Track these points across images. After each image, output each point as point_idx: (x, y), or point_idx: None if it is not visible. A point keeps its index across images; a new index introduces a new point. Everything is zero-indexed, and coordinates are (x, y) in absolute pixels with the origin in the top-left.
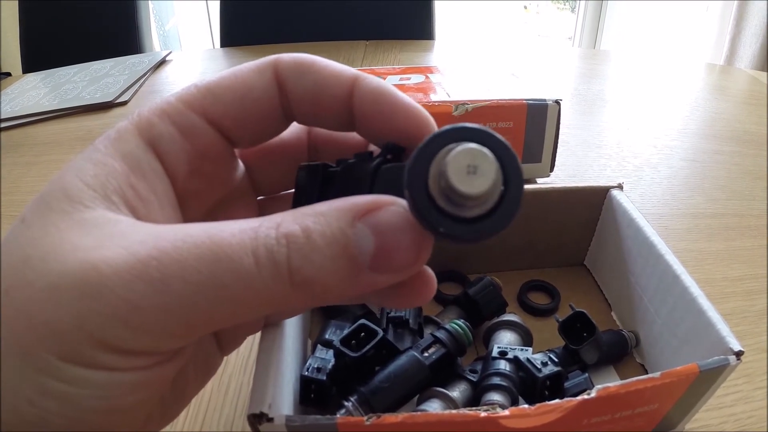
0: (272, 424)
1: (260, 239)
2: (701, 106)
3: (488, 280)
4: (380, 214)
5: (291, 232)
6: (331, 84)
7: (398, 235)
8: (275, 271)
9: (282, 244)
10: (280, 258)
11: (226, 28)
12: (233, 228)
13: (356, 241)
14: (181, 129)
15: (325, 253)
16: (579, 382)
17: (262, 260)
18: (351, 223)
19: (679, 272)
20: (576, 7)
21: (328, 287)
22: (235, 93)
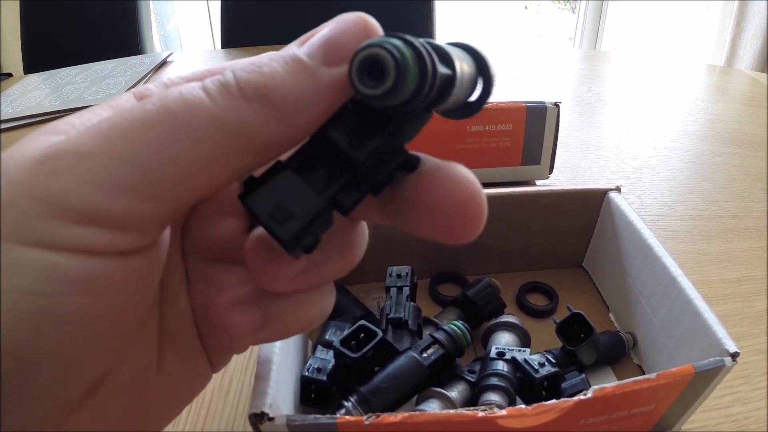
0: (273, 423)
1: (206, 81)
2: (701, 107)
3: (487, 282)
4: (322, 28)
5: (235, 65)
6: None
7: (341, 23)
8: (224, 90)
9: (228, 70)
10: (227, 78)
11: (227, 28)
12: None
13: (301, 47)
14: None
15: (273, 63)
16: (576, 383)
17: (210, 86)
18: (296, 44)
19: (676, 274)
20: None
21: (286, 93)
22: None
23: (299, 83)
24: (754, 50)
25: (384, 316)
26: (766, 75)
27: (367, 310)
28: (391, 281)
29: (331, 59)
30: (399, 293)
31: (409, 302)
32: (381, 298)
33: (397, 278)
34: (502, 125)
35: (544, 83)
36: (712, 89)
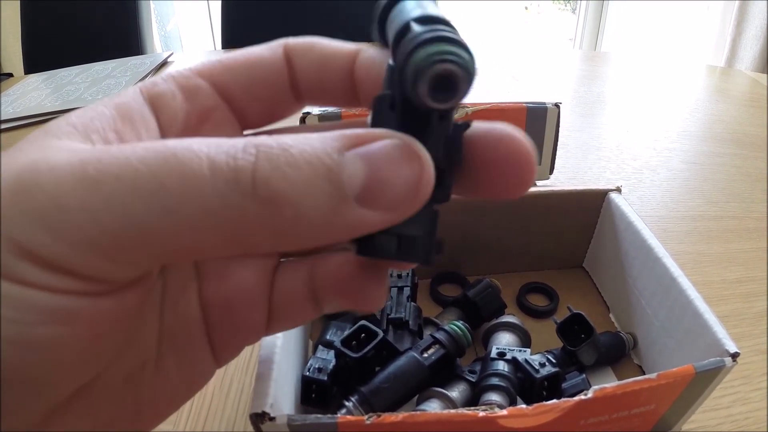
0: (274, 423)
1: (222, 147)
2: (701, 108)
3: (487, 282)
4: (375, 145)
5: (263, 143)
6: (334, 56)
7: (394, 165)
8: (233, 178)
9: (250, 153)
10: (243, 164)
11: (228, 29)
12: (196, 139)
13: (343, 164)
14: (184, 90)
15: (303, 169)
16: (576, 383)
17: (220, 165)
18: (339, 149)
19: (677, 275)
20: (577, 8)
21: (301, 211)
22: (244, 64)
23: (321, 208)
24: (755, 51)
25: (385, 317)
26: (767, 76)
27: None
28: (391, 281)
29: (369, 201)
30: (400, 293)
31: (410, 302)
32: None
33: (397, 278)
34: None
35: (544, 84)
36: (712, 90)
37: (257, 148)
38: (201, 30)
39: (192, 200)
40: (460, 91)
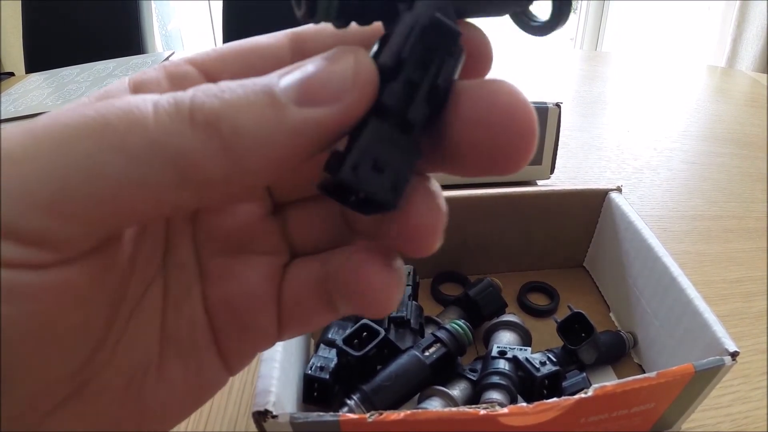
0: (277, 421)
1: (168, 93)
2: (702, 108)
3: (488, 281)
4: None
5: (204, 84)
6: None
7: (326, 63)
8: (174, 111)
9: (192, 90)
10: (181, 97)
11: (228, 29)
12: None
13: (277, 81)
14: (171, 76)
15: (236, 91)
16: (577, 382)
17: (161, 102)
18: (277, 76)
19: (677, 274)
20: (578, 8)
21: (238, 126)
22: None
23: (259, 119)
24: (755, 51)
25: (386, 316)
26: (767, 76)
27: None
28: None
29: (307, 99)
30: None
31: (411, 301)
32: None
33: None
34: None
35: (545, 83)
36: (712, 90)
37: (201, 87)
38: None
39: (137, 135)
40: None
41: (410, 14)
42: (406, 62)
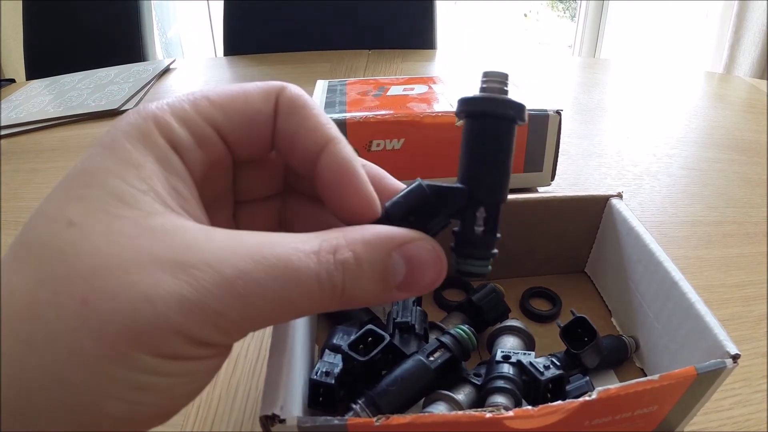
0: (284, 425)
1: (322, 264)
2: (700, 114)
3: (491, 287)
4: (412, 247)
5: (346, 260)
6: (307, 135)
7: (425, 267)
8: (332, 292)
9: (339, 270)
10: (337, 281)
11: (230, 36)
12: (298, 251)
13: (392, 268)
14: (197, 138)
15: (369, 278)
16: (580, 385)
17: (324, 283)
18: (389, 252)
19: (678, 279)
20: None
21: (363, 301)
22: (243, 115)
23: (375, 297)
24: (753, 57)
25: (391, 321)
26: (766, 82)
27: (373, 315)
28: None
29: (404, 288)
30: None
31: (416, 307)
32: (387, 304)
33: None
34: None
35: (544, 91)
36: (711, 96)
37: (343, 266)
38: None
39: (308, 306)
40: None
41: None
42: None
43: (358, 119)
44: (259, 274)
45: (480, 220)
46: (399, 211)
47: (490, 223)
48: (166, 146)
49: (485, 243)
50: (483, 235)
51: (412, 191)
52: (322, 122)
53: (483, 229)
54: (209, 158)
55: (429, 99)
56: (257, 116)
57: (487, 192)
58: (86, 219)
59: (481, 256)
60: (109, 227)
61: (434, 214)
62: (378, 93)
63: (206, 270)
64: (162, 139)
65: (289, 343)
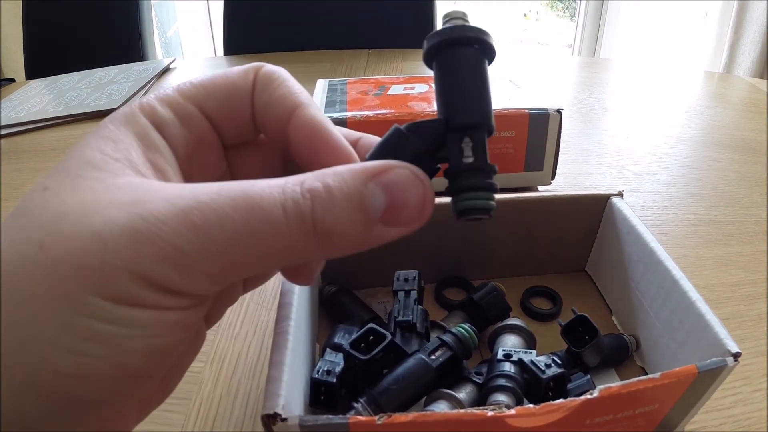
0: (286, 424)
1: (287, 193)
2: (700, 113)
3: (492, 286)
4: (389, 175)
5: (314, 188)
6: (277, 104)
7: (405, 192)
8: (301, 221)
9: (306, 198)
10: (305, 209)
11: (230, 35)
12: (262, 184)
13: (369, 197)
14: (180, 116)
15: (343, 206)
16: (582, 384)
17: (290, 211)
18: (364, 182)
19: (678, 277)
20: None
21: (344, 237)
22: (224, 90)
23: (358, 232)
24: (753, 57)
25: (392, 320)
26: (765, 81)
27: (374, 314)
28: (398, 285)
29: (389, 221)
30: (407, 297)
31: (417, 305)
32: (388, 303)
33: (404, 282)
34: (506, 132)
35: (544, 90)
36: (711, 96)
37: (311, 193)
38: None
39: (274, 239)
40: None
41: None
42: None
43: (358, 118)
44: (218, 204)
45: (467, 149)
46: (379, 157)
47: (478, 151)
48: (148, 124)
49: (478, 171)
50: (474, 164)
51: (389, 136)
52: (292, 90)
53: (473, 159)
54: (193, 135)
55: (429, 98)
56: (237, 92)
57: (464, 115)
58: (58, 183)
59: (477, 186)
60: (77, 185)
61: (416, 154)
62: (378, 92)
63: (161, 203)
64: (144, 119)
65: (291, 342)
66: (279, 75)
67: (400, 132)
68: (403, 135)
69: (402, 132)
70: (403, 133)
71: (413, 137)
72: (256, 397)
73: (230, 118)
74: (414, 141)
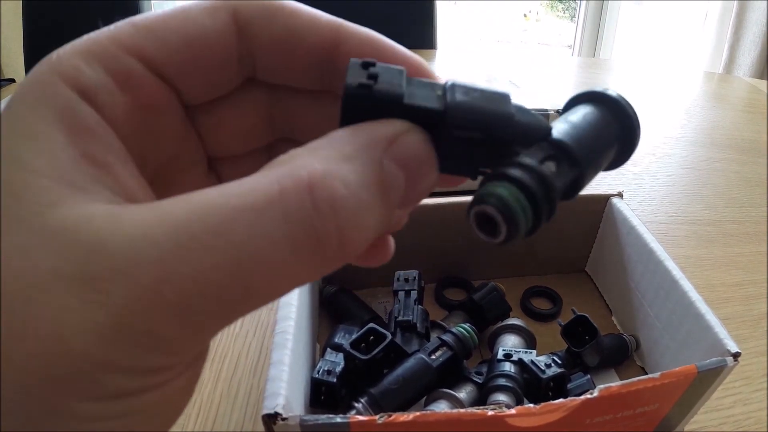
0: (286, 423)
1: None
2: (700, 114)
3: (492, 286)
4: (403, 144)
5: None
6: (309, 30)
7: (422, 166)
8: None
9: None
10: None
11: None
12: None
13: (390, 182)
14: (116, 76)
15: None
16: (582, 383)
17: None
18: (381, 159)
19: (678, 277)
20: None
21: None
22: (182, 35)
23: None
24: (752, 57)
25: (392, 320)
26: (765, 82)
27: (374, 314)
28: (398, 285)
29: (405, 203)
30: (407, 297)
31: (417, 306)
32: (388, 303)
33: (404, 282)
34: None
35: (544, 90)
36: (710, 96)
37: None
38: None
39: (285, 287)
40: (500, 233)
41: None
42: None
43: None
44: (194, 257)
45: (551, 164)
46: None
47: (561, 176)
48: (72, 96)
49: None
50: (544, 172)
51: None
52: (318, 13)
53: (551, 171)
54: (139, 101)
55: None
56: (203, 36)
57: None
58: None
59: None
60: (6, 241)
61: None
62: None
63: (117, 280)
64: (66, 89)
65: (291, 342)
66: (284, 2)
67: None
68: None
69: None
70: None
71: (518, 112)
72: (257, 397)
73: (191, 70)
74: (519, 118)
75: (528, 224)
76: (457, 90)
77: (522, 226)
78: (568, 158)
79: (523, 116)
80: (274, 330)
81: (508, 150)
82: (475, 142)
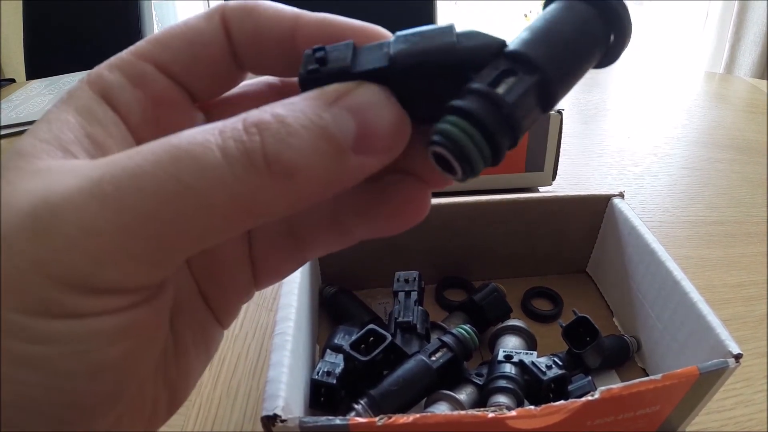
0: (286, 425)
1: (226, 133)
2: (701, 114)
3: (493, 286)
4: (354, 96)
5: (261, 120)
6: (270, 24)
7: (378, 110)
8: (248, 161)
9: (253, 132)
10: (252, 146)
11: None
12: (192, 131)
13: (334, 122)
14: (131, 78)
15: (304, 136)
16: (582, 385)
17: (231, 151)
18: (324, 107)
19: (680, 278)
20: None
21: (312, 174)
22: (183, 39)
23: (328, 165)
24: (753, 57)
25: (393, 321)
26: (766, 82)
27: (374, 315)
28: (398, 286)
29: (363, 149)
30: (407, 297)
31: (417, 307)
32: (388, 303)
33: (404, 283)
34: None
35: None
36: (711, 96)
37: (257, 127)
38: None
39: (216, 191)
40: (456, 172)
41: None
42: None
43: None
44: (135, 162)
45: (505, 84)
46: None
47: (514, 92)
48: (91, 95)
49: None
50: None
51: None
52: (280, 7)
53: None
54: (150, 95)
55: None
56: (200, 37)
57: (531, 50)
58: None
59: (470, 113)
60: (4, 178)
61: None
62: None
63: (69, 179)
64: (88, 91)
65: (291, 343)
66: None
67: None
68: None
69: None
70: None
71: (462, 38)
72: (256, 399)
73: (195, 67)
74: (464, 43)
75: (485, 152)
76: (399, 40)
77: (475, 157)
78: (524, 65)
79: (469, 41)
80: (273, 331)
81: (465, 80)
82: (430, 84)
